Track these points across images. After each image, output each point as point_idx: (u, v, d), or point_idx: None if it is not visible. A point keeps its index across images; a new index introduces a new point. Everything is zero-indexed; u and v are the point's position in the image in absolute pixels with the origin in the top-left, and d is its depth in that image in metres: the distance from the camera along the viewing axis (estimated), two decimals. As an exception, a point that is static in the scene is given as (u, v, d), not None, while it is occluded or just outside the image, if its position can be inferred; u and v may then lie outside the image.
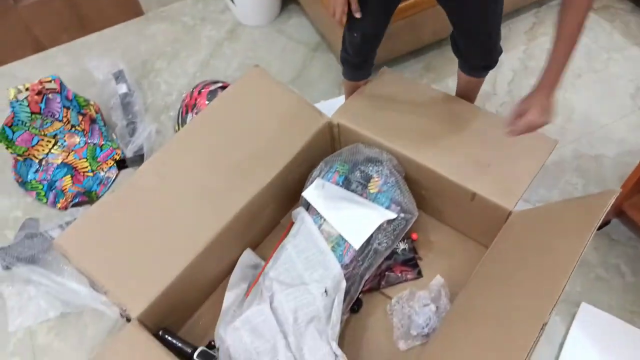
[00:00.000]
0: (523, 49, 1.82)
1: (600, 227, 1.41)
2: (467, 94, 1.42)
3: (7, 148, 1.49)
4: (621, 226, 1.41)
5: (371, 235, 1.19)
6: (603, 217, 0.86)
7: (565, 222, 0.96)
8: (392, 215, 1.20)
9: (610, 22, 1.87)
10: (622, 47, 1.80)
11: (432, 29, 1.71)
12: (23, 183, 1.52)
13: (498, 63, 1.31)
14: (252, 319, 1.10)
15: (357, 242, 1.17)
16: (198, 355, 1.10)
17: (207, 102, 1.52)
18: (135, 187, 1.19)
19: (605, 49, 1.80)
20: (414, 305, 1.18)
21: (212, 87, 1.55)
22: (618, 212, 1.38)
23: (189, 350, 1.11)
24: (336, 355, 1.05)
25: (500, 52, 1.30)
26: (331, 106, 1.42)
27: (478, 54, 1.29)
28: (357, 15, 1.14)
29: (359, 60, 1.30)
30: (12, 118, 1.46)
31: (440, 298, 1.19)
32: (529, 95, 1.00)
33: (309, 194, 1.24)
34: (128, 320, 1.08)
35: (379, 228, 1.19)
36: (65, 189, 1.51)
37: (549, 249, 0.93)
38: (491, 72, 1.39)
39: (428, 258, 1.30)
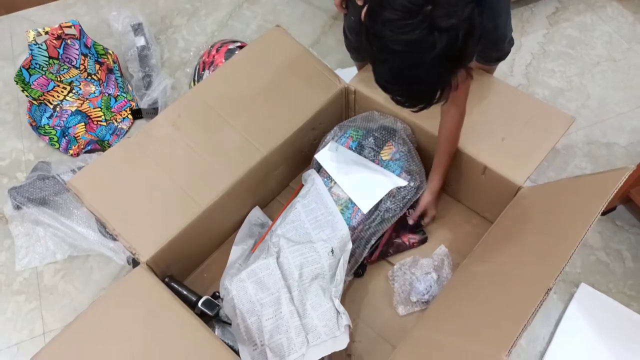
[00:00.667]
0: (544, 33, 1.81)
1: (605, 213, 1.42)
2: None
3: (22, 90, 1.49)
4: (626, 213, 1.42)
5: (380, 201, 1.20)
6: (615, 192, 0.86)
7: (576, 196, 0.97)
8: (402, 182, 1.21)
9: (634, 13, 1.85)
10: (644, 38, 1.79)
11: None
12: (36, 127, 1.53)
13: (516, 45, 1.34)
14: (258, 272, 1.12)
15: (365, 207, 1.19)
16: (202, 304, 1.12)
17: (224, 61, 1.52)
18: (150, 135, 1.20)
19: (626, 39, 1.78)
20: (416, 272, 1.20)
21: (231, 46, 1.55)
22: (624, 198, 1.39)
23: (194, 299, 1.13)
24: (338, 312, 1.07)
25: (511, 44, 1.34)
26: (347, 74, 1.42)
27: (489, 47, 1.32)
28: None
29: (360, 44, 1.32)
30: (30, 61, 1.47)
31: (442, 267, 1.20)
32: (422, 197, 1.25)
33: (321, 156, 1.25)
34: (135, 266, 1.09)
35: (388, 194, 1.21)
36: (78, 136, 1.52)
37: (557, 222, 0.94)
38: (510, 53, 1.39)
39: (434, 229, 1.31)
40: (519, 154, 1.17)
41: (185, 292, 1.14)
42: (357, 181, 1.21)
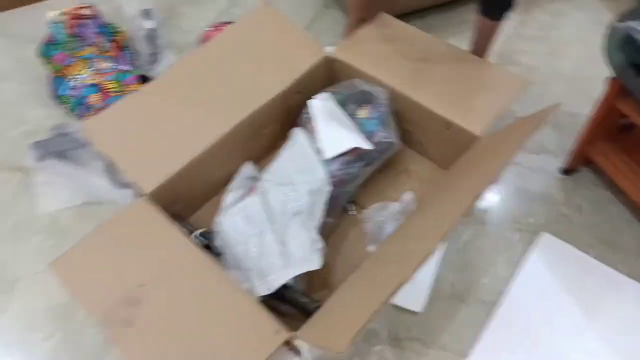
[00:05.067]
0: (518, 18, 1.96)
1: (568, 173, 1.55)
2: (482, 40, 1.53)
3: (44, 64, 1.68)
4: (588, 174, 1.54)
5: (362, 153, 1.34)
6: (540, 123, 1.00)
7: (516, 132, 1.11)
8: (369, 146, 1.33)
9: (602, 0, 2.00)
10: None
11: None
12: (56, 97, 1.71)
13: None
14: (246, 208, 1.26)
15: (329, 153, 1.33)
16: (198, 235, 1.27)
17: (224, 38, 1.69)
18: (155, 89, 1.36)
19: (596, 25, 1.93)
20: (386, 215, 1.34)
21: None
22: (586, 160, 1.52)
23: (190, 232, 1.28)
24: (314, 240, 1.21)
25: None
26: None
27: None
28: None
29: None
30: (51, 38, 1.65)
31: (408, 211, 1.34)
32: None
33: (313, 103, 1.40)
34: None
35: (367, 149, 1.34)
36: (93, 103, 1.69)
37: (497, 155, 1.08)
38: None
39: (406, 182, 1.45)
40: (478, 110, 1.30)
41: (183, 226, 1.28)
42: (331, 131, 1.35)
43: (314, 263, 1.18)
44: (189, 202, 1.39)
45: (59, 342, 1.32)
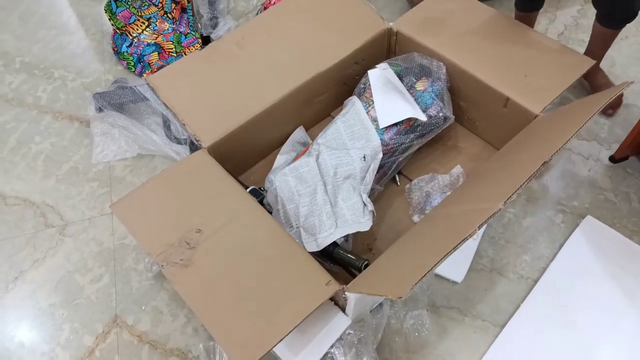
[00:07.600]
0: (578, 9, 1.94)
1: (617, 162, 1.54)
2: (598, 45, 1.54)
3: (109, 19, 1.74)
4: (637, 163, 1.53)
5: (416, 125, 1.36)
6: (609, 100, 1.00)
7: (574, 112, 1.11)
8: (423, 117, 1.36)
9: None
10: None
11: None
12: (117, 53, 1.77)
13: (550, 18, 1.43)
14: (299, 168, 1.30)
15: (383, 122, 1.35)
16: (250, 192, 1.31)
17: (282, 6, 1.72)
18: (217, 50, 1.41)
19: (655, 20, 1.90)
20: (434, 186, 1.36)
21: (289, -6, 1.75)
22: (636, 149, 1.51)
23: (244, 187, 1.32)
24: (365, 204, 1.24)
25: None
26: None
27: (616, 5, 1.38)
28: None
29: None
30: (118, -6, 1.71)
31: (457, 183, 1.36)
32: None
33: (373, 73, 1.42)
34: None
35: (421, 121, 1.36)
36: (152, 62, 1.75)
37: (555, 132, 1.09)
38: (544, 23, 1.49)
39: (454, 158, 1.46)
40: (539, 87, 1.29)
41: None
42: (387, 100, 1.37)
43: (365, 224, 1.21)
44: (239, 161, 1.43)
45: (107, 284, 1.38)
